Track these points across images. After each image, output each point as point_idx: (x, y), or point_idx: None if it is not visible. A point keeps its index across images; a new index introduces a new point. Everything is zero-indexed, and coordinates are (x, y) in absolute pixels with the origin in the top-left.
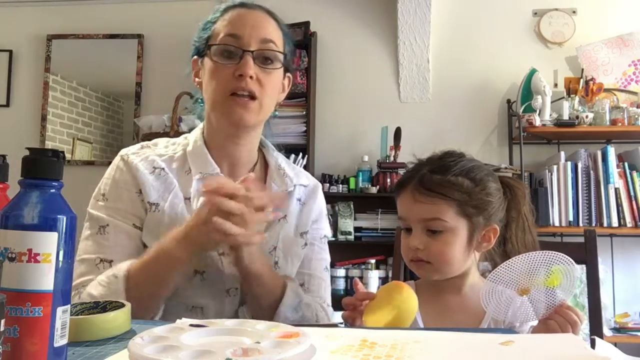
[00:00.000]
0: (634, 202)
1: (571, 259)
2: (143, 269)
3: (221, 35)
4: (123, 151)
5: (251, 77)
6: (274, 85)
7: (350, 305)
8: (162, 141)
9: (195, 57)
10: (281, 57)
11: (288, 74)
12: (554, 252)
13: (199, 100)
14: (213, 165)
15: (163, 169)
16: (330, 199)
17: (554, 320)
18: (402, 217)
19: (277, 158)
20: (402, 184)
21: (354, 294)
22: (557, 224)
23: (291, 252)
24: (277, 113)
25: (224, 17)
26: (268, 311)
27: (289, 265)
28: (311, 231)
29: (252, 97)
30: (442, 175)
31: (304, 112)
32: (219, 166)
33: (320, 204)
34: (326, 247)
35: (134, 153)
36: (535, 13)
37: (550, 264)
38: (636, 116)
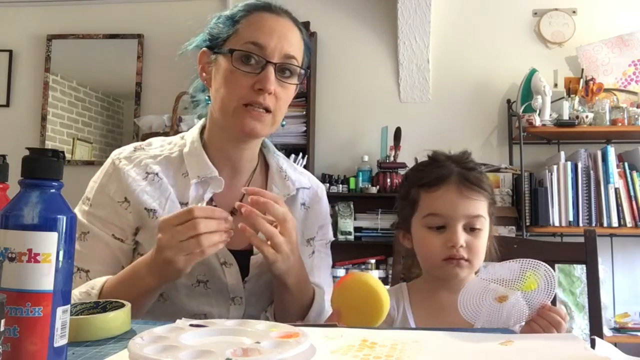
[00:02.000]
0: (634, 202)
1: (545, 264)
2: (115, 288)
3: (245, 40)
4: (115, 153)
5: (270, 93)
6: (289, 98)
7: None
8: (156, 140)
9: (205, 50)
10: (301, 72)
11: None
12: (526, 259)
13: (207, 98)
14: (211, 168)
15: (157, 174)
16: (330, 199)
17: (537, 323)
18: (441, 213)
19: (279, 159)
20: (440, 179)
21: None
22: (557, 224)
23: None
24: (284, 123)
25: (249, 20)
26: (296, 317)
27: None
28: (317, 237)
29: (267, 110)
30: (476, 172)
31: (304, 112)
32: (218, 168)
33: (325, 208)
34: (329, 252)
35: (126, 157)
36: (535, 13)
37: (524, 271)
38: (636, 116)
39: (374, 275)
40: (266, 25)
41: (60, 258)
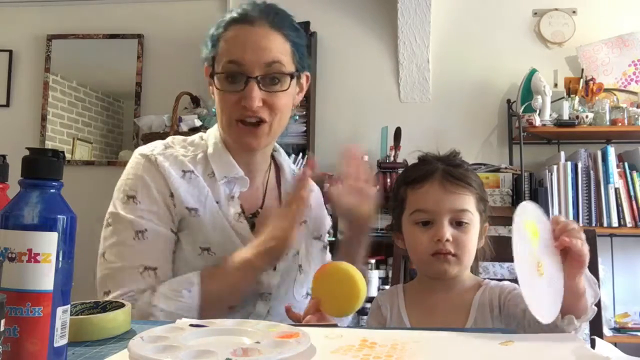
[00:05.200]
0: (634, 202)
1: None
2: (219, 281)
3: (223, 60)
4: (146, 150)
5: (258, 106)
6: (284, 103)
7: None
8: (177, 139)
9: (206, 66)
10: (289, 76)
11: (306, 73)
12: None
13: (214, 110)
14: (237, 168)
15: (193, 171)
16: None
17: (564, 240)
18: (426, 209)
19: (290, 163)
20: (424, 176)
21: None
22: None
23: (312, 256)
24: (297, 117)
25: (226, 37)
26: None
27: (312, 269)
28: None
29: (261, 120)
30: (461, 169)
31: (304, 112)
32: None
33: (325, 210)
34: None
35: (160, 154)
36: (535, 13)
37: (522, 225)
38: (636, 116)
39: (348, 263)
40: (239, 40)
41: (60, 258)
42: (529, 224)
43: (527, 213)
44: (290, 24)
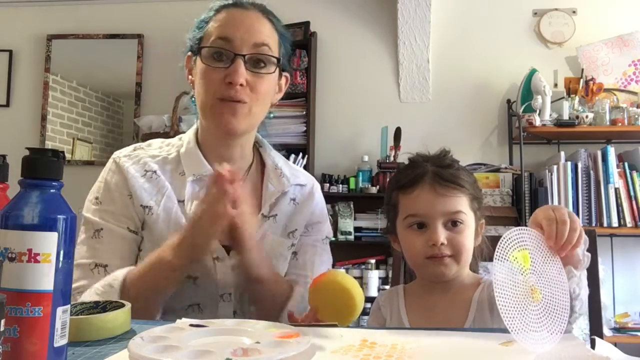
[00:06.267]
0: (634, 202)
1: (510, 231)
2: (140, 277)
3: (212, 37)
4: (116, 153)
5: (241, 85)
6: (266, 89)
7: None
8: (156, 142)
9: (190, 54)
10: (275, 60)
11: (285, 74)
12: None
13: (193, 99)
14: (206, 166)
15: (155, 171)
16: (330, 199)
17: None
18: (419, 213)
19: (275, 157)
20: (414, 181)
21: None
22: None
23: (276, 253)
24: (273, 114)
25: (217, 18)
26: (272, 314)
27: (275, 267)
28: (311, 233)
29: (242, 102)
30: (452, 169)
31: (304, 112)
32: (212, 167)
33: (319, 206)
34: (328, 248)
35: (126, 155)
36: (535, 13)
37: (508, 253)
38: (636, 116)
39: (345, 273)
40: (232, 19)
41: (61, 258)
42: (516, 256)
43: (509, 247)
44: (278, 19)
